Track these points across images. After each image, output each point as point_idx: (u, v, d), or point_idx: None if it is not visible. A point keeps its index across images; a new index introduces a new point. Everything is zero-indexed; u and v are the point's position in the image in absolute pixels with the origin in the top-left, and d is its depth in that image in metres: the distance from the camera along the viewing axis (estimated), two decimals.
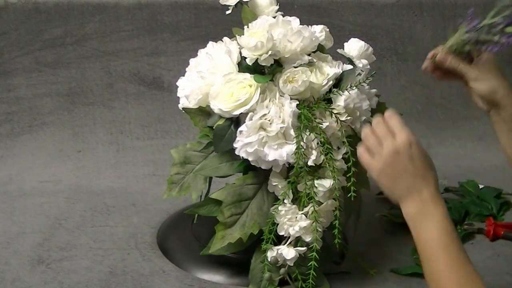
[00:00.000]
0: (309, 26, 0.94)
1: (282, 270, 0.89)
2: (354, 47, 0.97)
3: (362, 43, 0.97)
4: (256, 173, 0.90)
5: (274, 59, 0.86)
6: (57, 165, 1.35)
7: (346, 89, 0.88)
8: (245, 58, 0.87)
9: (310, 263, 0.84)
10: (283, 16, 0.92)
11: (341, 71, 0.91)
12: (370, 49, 0.97)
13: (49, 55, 1.47)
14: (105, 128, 1.45)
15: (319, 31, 0.95)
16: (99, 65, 1.48)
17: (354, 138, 0.93)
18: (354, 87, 0.88)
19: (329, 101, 0.89)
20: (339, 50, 0.98)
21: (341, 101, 0.87)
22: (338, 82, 0.91)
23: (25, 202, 1.20)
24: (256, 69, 0.87)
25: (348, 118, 0.88)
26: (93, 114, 1.47)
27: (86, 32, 1.47)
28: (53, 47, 1.46)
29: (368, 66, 0.96)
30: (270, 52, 0.85)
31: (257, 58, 0.85)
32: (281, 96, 0.86)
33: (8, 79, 1.46)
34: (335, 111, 0.86)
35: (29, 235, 1.07)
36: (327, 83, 0.89)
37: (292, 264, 0.87)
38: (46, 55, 1.46)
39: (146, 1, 1.48)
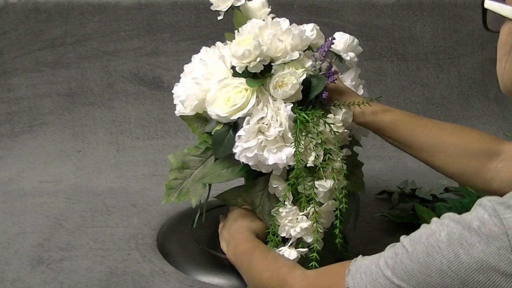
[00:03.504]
0: (302, 25, 0.93)
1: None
2: (339, 40, 0.95)
3: (346, 35, 0.95)
4: (257, 178, 0.90)
5: (265, 65, 0.86)
6: (57, 165, 1.35)
7: (348, 105, 0.88)
8: (235, 67, 0.86)
9: (311, 264, 0.84)
10: (279, 17, 0.91)
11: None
12: (356, 41, 0.96)
13: (49, 55, 1.47)
14: (105, 128, 1.45)
15: (310, 30, 0.94)
16: (99, 65, 1.48)
17: (351, 142, 0.93)
18: (356, 105, 0.87)
19: (323, 106, 0.89)
20: None
21: (339, 114, 0.87)
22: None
23: (25, 202, 1.20)
24: (248, 73, 0.86)
25: (345, 131, 0.88)
26: (93, 114, 1.47)
27: (86, 32, 1.47)
28: (53, 47, 1.46)
29: (356, 59, 0.96)
30: (258, 59, 0.84)
31: (247, 66, 0.85)
32: (274, 100, 0.86)
33: (8, 79, 1.46)
34: (329, 121, 0.86)
35: (29, 235, 1.07)
36: (303, 75, 0.87)
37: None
38: (46, 55, 1.46)
39: (146, 1, 1.48)
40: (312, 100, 0.87)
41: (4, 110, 1.45)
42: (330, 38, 0.90)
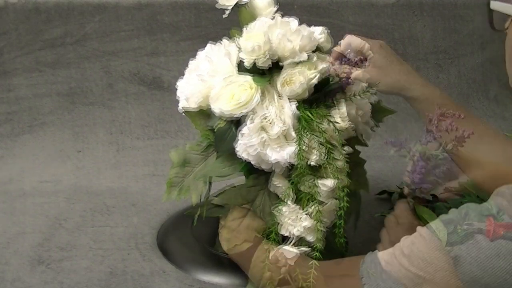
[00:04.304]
0: (310, 27, 0.93)
1: (283, 270, 0.89)
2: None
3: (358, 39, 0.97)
4: (258, 177, 0.90)
5: (273, 61, 0.86)
6: (57, 165, 1.35)
7: (350, 98, 0.88)
8: (243, 61, 0.86)
9: (311, 263, 0.84)
10: (283, 16, 0.92)
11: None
12: (367, 45, 0.96)
13: (49, 55, 1.47)
14: (105, 128, 1.45)
15: (319, 33, 0.94)
16: (99, 65, 1.48)
17: (354, 140, 0.93)
18: (358, 96, 0.88)
19: (327, 104, 0.89)
20: (335, 48, 0.97)
21: (343, 108, 0.87)
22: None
23: (25, 202, 1.20)
24: (254, 70, 0.87)
25: (351, 125, 0.88)
26: (93, 114, 1.47)
27: (86, 32, 1.47)
28: (53, 47, 1.46)
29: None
30: (267, 55, 0.84)
31: (255, 61, 0.85)
32: (280, 98, 0.86)
33: (8, 79, 1.46)
34: (333, 119, 0.86)
35: (29, 235, 1.07)
36: (315, 76, 0.87)
37: (292, 264, 0.87)
38: (46, 55, 1.46)
39: (146, 1, 1.48)
40: (316, 96, 0.88)
41: (4, 110, 1.45)
42: (347, 79, 0.90)
